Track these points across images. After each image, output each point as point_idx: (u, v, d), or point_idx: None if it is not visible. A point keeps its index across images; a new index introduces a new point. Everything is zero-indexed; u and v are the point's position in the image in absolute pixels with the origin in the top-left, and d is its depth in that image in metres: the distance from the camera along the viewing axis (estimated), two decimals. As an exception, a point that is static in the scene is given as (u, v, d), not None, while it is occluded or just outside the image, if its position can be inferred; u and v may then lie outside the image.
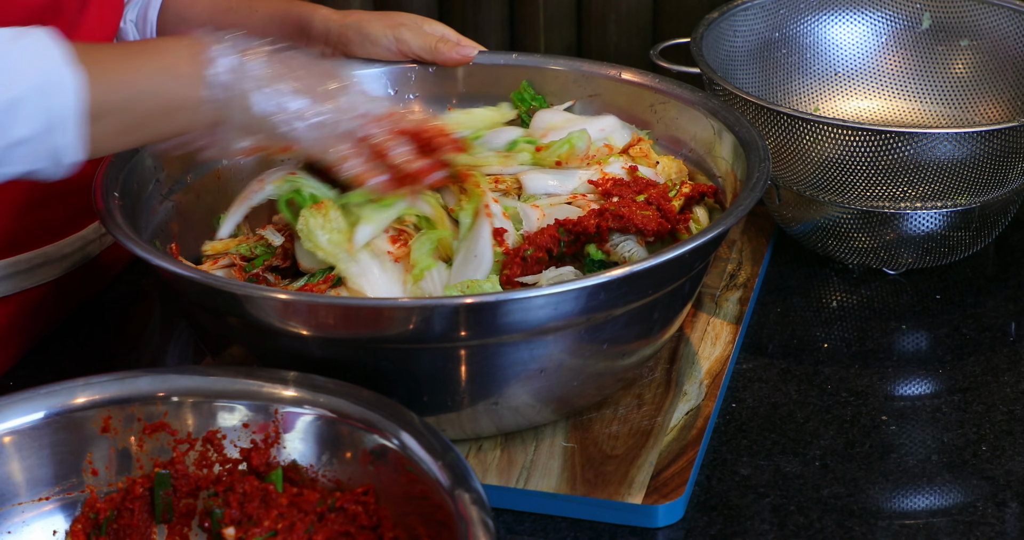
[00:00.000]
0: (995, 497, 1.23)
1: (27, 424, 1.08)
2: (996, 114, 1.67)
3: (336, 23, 1.50)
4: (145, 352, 1.49)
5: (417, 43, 1.50)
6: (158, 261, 1.18)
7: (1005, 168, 1.47)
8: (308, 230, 1.25)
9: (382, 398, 1.08)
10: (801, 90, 1.74)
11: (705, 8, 2.05)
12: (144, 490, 1.10)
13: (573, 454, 1.25)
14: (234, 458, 1.10)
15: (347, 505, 1.06)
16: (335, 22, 1.50)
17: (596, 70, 1.51)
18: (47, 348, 1.47)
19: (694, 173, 1.43)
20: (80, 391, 1.10)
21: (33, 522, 1.09)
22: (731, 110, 1.39)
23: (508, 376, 1.19)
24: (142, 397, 1.10)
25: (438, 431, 1.04)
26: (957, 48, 1.71)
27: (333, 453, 1.09)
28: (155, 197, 1.36)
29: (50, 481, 1.09)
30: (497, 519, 1.21)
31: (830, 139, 1.45)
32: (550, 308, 1.14)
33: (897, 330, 1.47)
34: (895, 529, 1.20)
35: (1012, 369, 1.40)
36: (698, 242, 1.18)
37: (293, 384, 1.10)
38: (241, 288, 1.16)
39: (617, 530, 1.20)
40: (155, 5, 1.56)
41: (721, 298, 1.48)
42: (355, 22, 1.50)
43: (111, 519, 1.10)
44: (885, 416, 1.33)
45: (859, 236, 1.52)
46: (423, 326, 1.13)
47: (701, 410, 1.31)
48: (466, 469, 1.00)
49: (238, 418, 1.10)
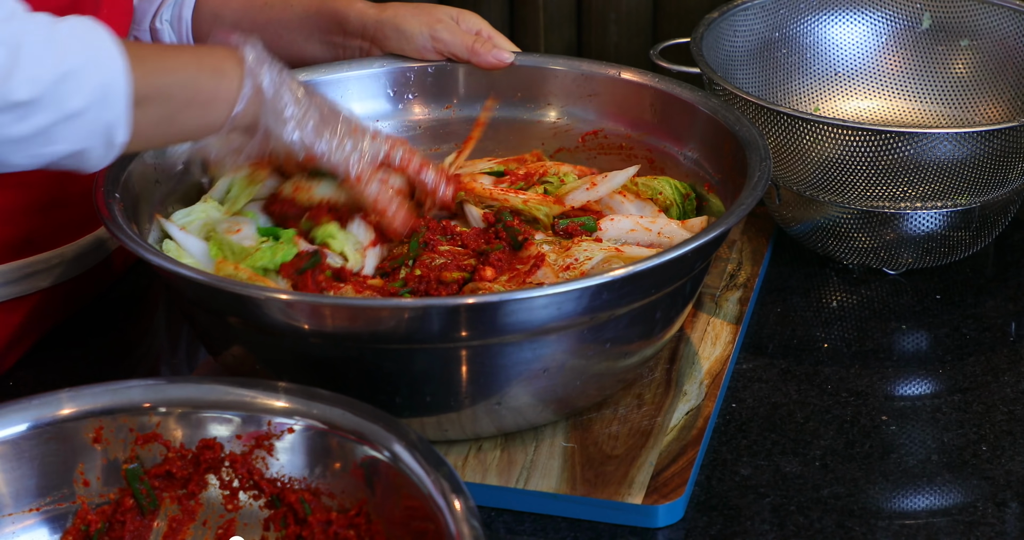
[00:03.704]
0: (995, 497, 1.23)
1: (12, 435, 1.07)
2: (996, 114, 1.67)
3: (372, 18, 1.50)
4: (146, 352, 1.49)
5: (454, 42, 1.50)
6: (159, 261, 1.18)
7: (1005, 168, 1.47)
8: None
9: (375, 410, 1.07)
10: (801, 90, 1.74)
11: (705, 8, 2.05)
12: (135, 502, 1.09)
13: (573, 454, 1.25)
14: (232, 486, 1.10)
15: (340, 531, 1.06)
16: (371, 17, 1.50)
17: (596, 70, 1.51)
18: (48, 348, 1.47)
19: (694, 173, 1.43)
20: (71, 401, 1.09)
21: (22, 534, 1.07)
22: (731, 110, 1.39)
23: (511, 376, 1.19)
24: (134, 407, 1.09)
25: (431, 444, 1.03)
26: (957, 48, 1.71)
27: (325, 465, 1.08)
28: (156, 197, 1.36)
29: (39, 492, 1.08)
30: (497, 520, 1.21)
31: (830, 139, 1.45)
32: (553, 308, 1.14)
33: (897, 330, 1.47)
34: (895, 529, 1.20)
35: (1012, 369, 1.40)
36: (699, 242, 1.18)
37: (285, 395, 1.09)
38: (241, 288, 1.16)
39: (617, 530, 1.20)
40: (189, 4, 1.56)
41: (721, 298, 1.48)
42: (391, 17, 1.50)
43: (102, 531, 1.09)
44: (885, 416, 1.33)
45: (859, 236, 1.52)
46: (425, 326, 1.13)
47: (701, 410, 1.31)
48: (458, 483, 0.99)
49: (230, 429, 1.09)
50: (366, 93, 1.52)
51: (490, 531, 1.20)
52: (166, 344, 1.52)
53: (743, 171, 1.30)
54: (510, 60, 1.50)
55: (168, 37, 1.56)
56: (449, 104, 1.53)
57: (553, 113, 1.52)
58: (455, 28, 1.49)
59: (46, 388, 1.10)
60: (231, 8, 1.56)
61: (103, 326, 1.51)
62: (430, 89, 1.53)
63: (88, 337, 1.49)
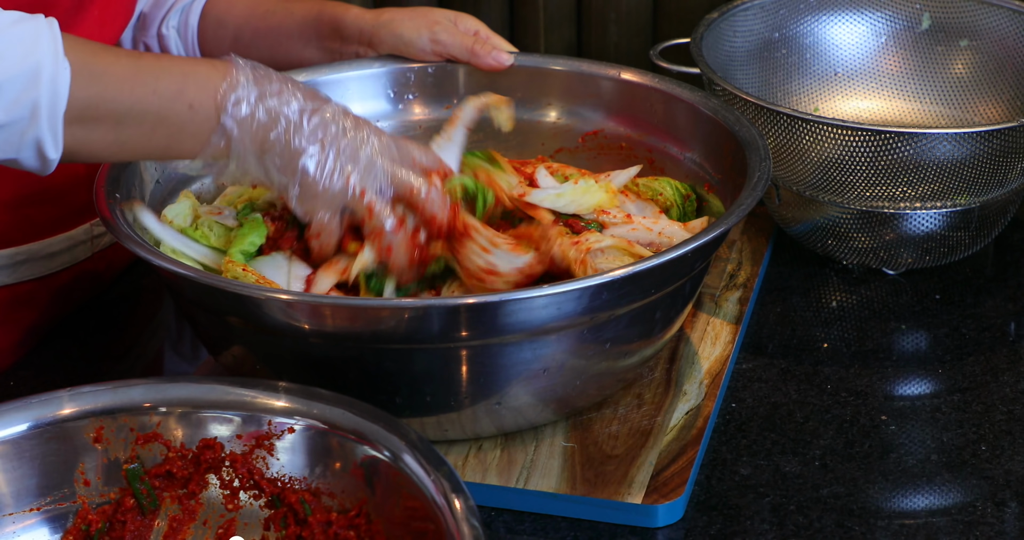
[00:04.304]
0: (995, 497, 1.23)
1: (13, 435, 1.07)
2: (996, 114, 1.67)
3: (369, 23, 1.50)
4: (146, 352, 1.49)
5: (454, 44, 1.49)
6: (159, 262, 1.18)
7: (1005, 168, 1.47)
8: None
9: (375, 410, 1.07)
10: (801, 90, 1.74)
11: (705, 8, 2.05)
12: (136, 502, 1.09)
13: (573, 454, 1.25)
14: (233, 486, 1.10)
15: (340, 531, 1.06)
16: (368, 22, 1.50)
17: (596, 70, 1.51)
18: (48, 348, 1.47)
19: (694, 173, 1.43)
20: (71, 401, 1.09)
21: (23, 534, 1.08)
22: (731, 110, 1.39)
23: (511, 376, 1.19)
24: (134, 407, 1.09)
25: (431, 444, 1.03)
26: (957, 48, 1.71)
27: (325, 465, 1.08)
28: (156, 197, 1.36)
29: (39, 492, 1.08)
30: (497, 519, 1.21)
31: (830, 139, 1.45)
32: (553, 308, 1.14)
33: (897, 330, 1.47)
34: (895, 529, 1.20)
35: (1012, 369, 1.40)
36: (699, 242, 1.18)
37: (285, 394, 1.09)
38: (241, 288, 1.16)
39: (617, 530, 1.20)
40: (196, 11, 1.56)
41: (721, 298, 1.48)
42: (388, 22, 1.50)
43: (103, 531, 1.09)
44: (885, 416, 1.33)
45: (859, 236, 1.52)
46: (425, 326, 1.13)
47: (701, 410, 1.31)
48: (458, 482, 0.99)
49: (230, 428, 1.09)
50: (366, 93, 1.52)
51: (490, 531, 1.20)
52: (166, 344, 1.52)
53: (743, 171, 1.30)
54: (509, 62, 1.50)
55: (175, 43, 1.56)
56: (449, 104, 1.53)
57: (553, 113, 1.52)
58: (454, 30, 1.50)
59: (46, 388, 1.10)
60: (234, 15, 1.56)
61: (103, 326, 1.51)
62: (430, 89, 1.53)
63: (88, 337, 1.49)
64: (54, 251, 1.50)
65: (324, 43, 1.52)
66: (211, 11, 1.57)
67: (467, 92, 1.52)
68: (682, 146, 1.45)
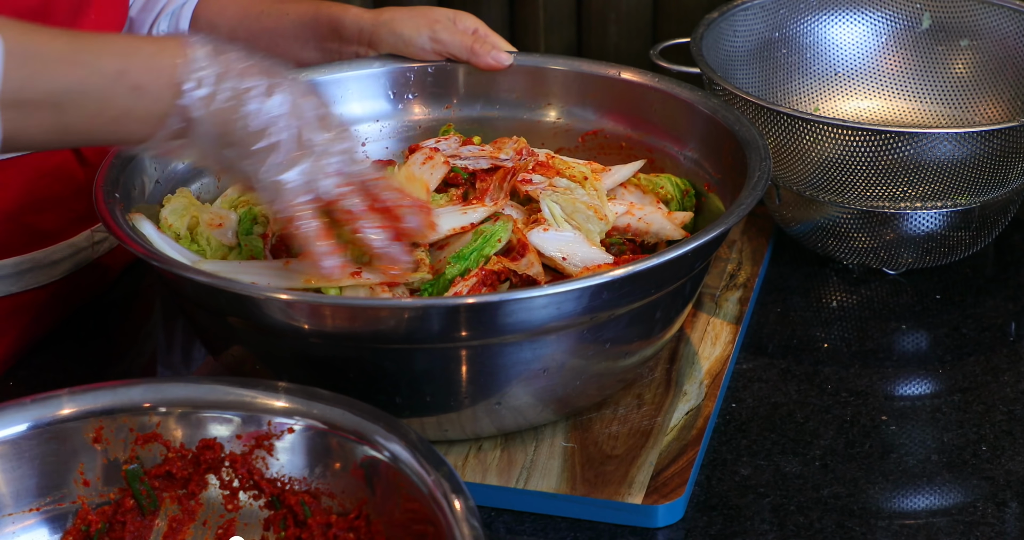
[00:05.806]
0: (995, 497, 1.23)
1: (12, 435, 1.07)
2: (996, 114, 1.67)
3: (368, 22, 1.50)
4: (145, 353, 1.49)
5: (454, 43, 1.49)
6: (159, 262, 1.18)
7: (1005, 168, 1.47)
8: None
9: (375, 410, 1.06)
10: (801, 90, 1.74)
11: (705, 8, 2.05)
12: (135, 502, 1.09)
13: (573, 454, 1.25)
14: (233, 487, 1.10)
15: (340, 533, 1.05)
16: (367, 21, 1.50)
17: (596, 70, 1.51)
18: (47, 349, 1.47)
19: (694, 173, 1.43)
20: (71, 401, 1.08)
21: (22, 534, 1.07)
22: (731, 110, 1.39)
23: (511, 376, 1.19)
24: (134, 407, 1.08)
25: (431, 444, 1.03)
26: (957, 48, 1.71)
27: (325, 465, 1.07)
28: (156, 198, 1.36)
29: (39, 492, 1.08)
30: (497, 520, 1.21)
31: (830, 139, 1.45)
32: (553, 307, 1.14)
33: (897, 330, 1.47)
34: (895, 529, 1.20)
35: (1012, 369, 1.40)
36: (699, 242, 1.18)
37: (285, 395, 1.09)
38: (241, 288, 1.16)
39: (617, 530, 1.20)
40: (187, 14, 1.55)
41: (721, 298, 1.48)
42: (388, 21, 1.49)
43: (103, 531, 1.08)
44: (885, 416, 1.33)
45: (859, 236, 1.52)
46: (424, 326, 1.13)
47: (701, 410, 1.31)
48: (458, 483, 0.99)
49: (230, 429, 1.09)
50: (366, 93, 1.52)
51: (490, 531, 1.20)
52: (165, 344, 1.52)
53: (743, 171, 1.30)
54: (508, 62, 1.50)
55: None
56: (449, 104, 1.53)
57: (553, 113, 1.52)
58: (453, 29, 1.50)
59: (46, 388, 1.10)
60: (227, 18, 1.55)
61: (102, 326, 1.51)
62: (430, 89, 1.53)
63: (87, 337, 1.49)
64: (56, 259, 1.49)
65: (322, 44, 1.52)
66: (202, 14, 1.55)
67: (467, 92, 1.52)
68: (682, 146, 1.45)
